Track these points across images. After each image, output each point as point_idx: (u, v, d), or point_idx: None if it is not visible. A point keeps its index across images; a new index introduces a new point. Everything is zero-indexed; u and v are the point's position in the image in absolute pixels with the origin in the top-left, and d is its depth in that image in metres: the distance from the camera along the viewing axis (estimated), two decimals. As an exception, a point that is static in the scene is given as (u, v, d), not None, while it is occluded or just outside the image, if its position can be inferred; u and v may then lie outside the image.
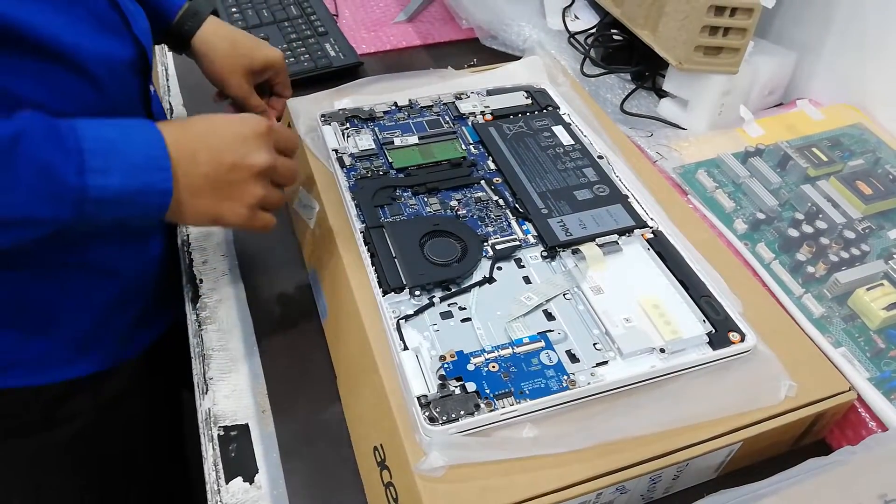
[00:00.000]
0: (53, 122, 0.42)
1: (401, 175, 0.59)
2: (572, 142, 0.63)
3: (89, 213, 0.43)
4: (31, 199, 0.41)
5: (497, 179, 0.59)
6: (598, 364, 0.45)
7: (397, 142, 0.62)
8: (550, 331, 0.47)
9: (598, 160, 0.61)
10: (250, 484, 0.48)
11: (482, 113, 0.66)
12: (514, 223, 0.55)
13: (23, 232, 0.42)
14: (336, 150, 0.60)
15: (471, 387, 0.43)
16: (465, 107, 0.67)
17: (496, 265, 0.51)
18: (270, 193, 0.50)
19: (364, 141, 0.62)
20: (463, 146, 0.62)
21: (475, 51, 0.93)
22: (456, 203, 0.56)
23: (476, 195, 0.57)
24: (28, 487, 0.69)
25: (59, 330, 0.57)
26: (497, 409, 0.42)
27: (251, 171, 0.48)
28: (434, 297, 0.49)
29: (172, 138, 0.46)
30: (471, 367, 0.44)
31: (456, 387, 0.43)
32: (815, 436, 0.50)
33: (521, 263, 0.52)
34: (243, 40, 0.67)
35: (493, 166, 0.60)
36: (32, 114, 0.42)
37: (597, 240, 0.53)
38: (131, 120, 0.46)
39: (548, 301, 0.49)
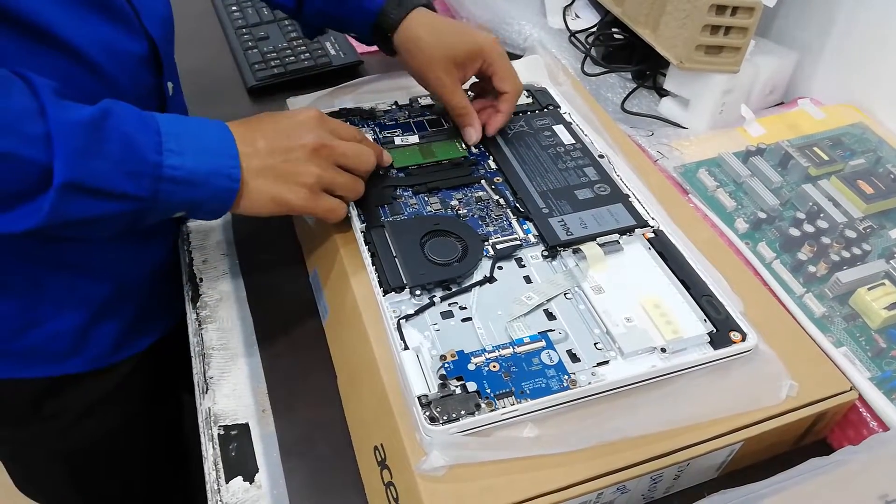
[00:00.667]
0: (134, 108, 0.45)
1: (401, 174, 0.59)
2: (573, 141, 0.63)
3: (164, 193, 0.45)
4: (116, 171, 0.43)
5: (498, 179, 0.59)
6: (599, 364, 0.45)
7: (398, 141, 0.62)
8: (551, 330, 0.47)
9: (598, 159, 0.61)
10: (250, 483, 0.48)
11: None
12: (514, 222, 0.55)
13: (105, 205, 0.43)
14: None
15: (471, 386, 0.43)
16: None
17: (497, 264, 0.51)
18: (334, 176, 0.51)
19: (364, 140, 0.62)
20: (463, 146, 0.62)
21: (476, 50, 0.92)
22: (456, 202, 0.56)
23: (477, 194, 0.57)
24: (19, 474, 0.70)
25: (50, 326, 0.57)
26: (498, 408, 0.42)
27: (304, 150, 0.50)
28: (435, 296, 0.49)
29: (233, 129, 0.49)
30: (471, 367, 0.44)
31: (457, 386, 0.43)
32: (817, 435, 0.50)
33: (522, 263, 0.52)
34: (450, 29, 0.60)
35: (493, 165, 0.60)
36: (116, 100, 0.45)
37: (598, 239, 0.53)
38: (197, 117, 0.48)
39: (548, 300, 0.49)
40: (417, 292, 0.49)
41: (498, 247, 0.52)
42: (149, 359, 0.67)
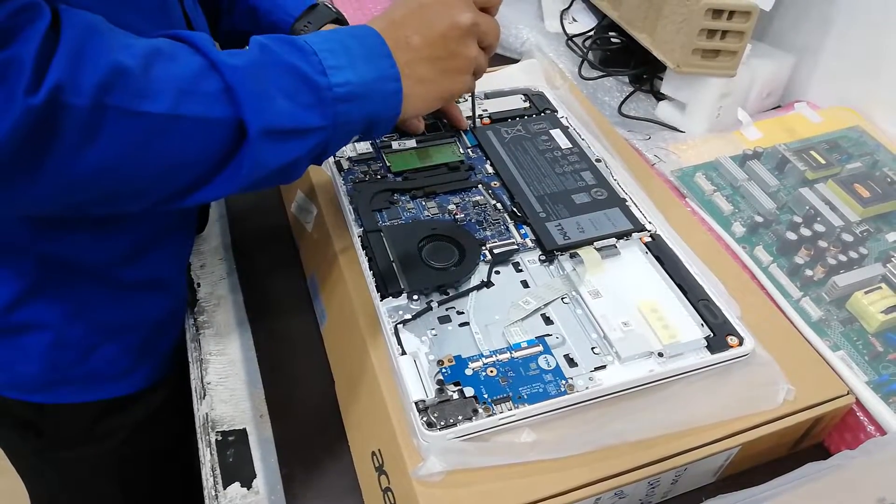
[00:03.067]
0: (278, 35, 0.43)
1: (398, 179, 0.59)
2: (570, 145, 0.63)
3: (341, 115, 0.43)
4: (295, 106, 0.41)
5: (495, 183, 0.59)
6: (597, 368, 0.45)
7: (395, 145, 0.62)
8: (549, 335, 0.47)
9: (595, 163, 0.61)
10: (248, 489, 0.48)
11: (480, 116, 0.66)
12: (512, 227, 0.55)
13: (296, 145, 0.41)
14: (334, 155, 0.60)
15: (469, 392, 0.43)
16: (462, 110, 0.67)
17: (494, 269, 0.51)
18: (478, 54, 0.50)
19: (362, 144, 0.62)
20: (461, 150, 0.62)
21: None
22: (454, 207, 0.56)
23: (474, 199, 0.57)
24: (72, 490, 0.68)
25: (108, 349, 0.56)
26: (495, 413, 0.42)
27: (461, 31, 0.48)
28: (432, 301, 0.49)
29: (380, 28, 0.46)
30: (469, 372, 0.44)
31: (454, 392, 0.43)
32: (814, 440, 0.50)
33: (519, 267, 0.52)
34: None
35: (490, 170, 0.60)
36: (262, 35, 0.42)
37: (595, 244, 0.53)
38: (336, 28, 0.46)
39: (546, 305, 0.49)
40: (415, 297, 0.49)
41: (495, 251, 0.53)
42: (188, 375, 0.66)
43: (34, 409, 0.57)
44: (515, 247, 0.53)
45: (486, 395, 0.43)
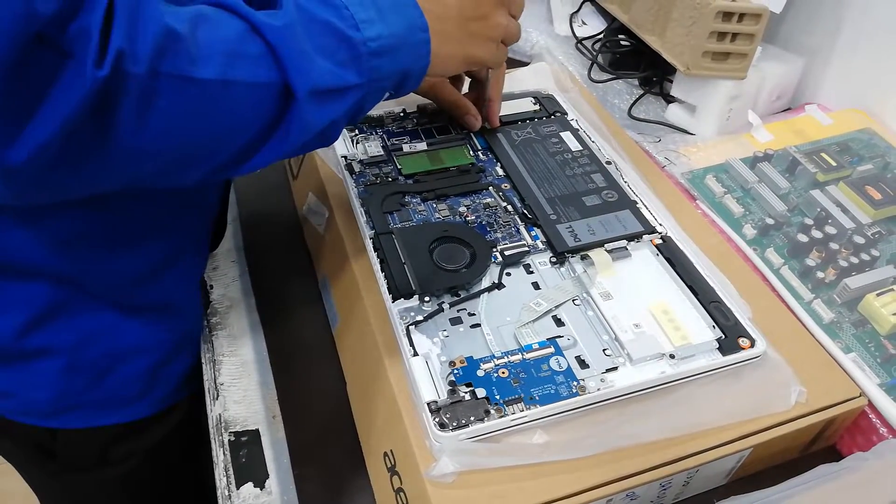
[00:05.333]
0: None
1: (409, 181, 0.59)
2: (580, 147, 0.63)
3: (375, 70, 0.42)
4: (334, 64, 0.40)
5: (505, 185, 0.59)
6: (608, 370, 0.45)
7: (406, 148, 0.62)
8: (560, 336, 0.47)
9: (606, 166, 0.61)
10: (261, 489, 0.48)
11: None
12: (522, 229, 0.55)
13: (338, 105, 0.41)
14: (345, 157, 0.61)
15: (481, 393, 0.43)
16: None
17: (505, 271, 0.52)
18: (509, 23, 0.51)
19: (373, 147, 0.62)
20: (471, 152, 0.62)
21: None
22: (465, 209, 0.57)
23: (485, 201, 0.57)
24: None
25: (121, 373, 0.55)
26: (507, 415, 0.42)
27: (494, 1, 0.49)
28: (443, 302, 0.49)
29: None
30: (480, 373, 0.44)
31: (466, 393, 0.43)
32: (826, 442, 0.50)
33: (530, 269, 0.52)
34: None
35: (501, 172, 0.60)
36: None
37: (605, 245, 0.53)
38: None
39: (557, 307, 0.49)
40: (426, 299, 0.49)
41: (506, 253, 0.53)
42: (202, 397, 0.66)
43: (47, 433, 0.56)
44: (526, 249, 0.53)
45: (497, 397, 0.43)
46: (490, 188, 0.59)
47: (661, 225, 0.55)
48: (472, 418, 0.42)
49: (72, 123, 0.32)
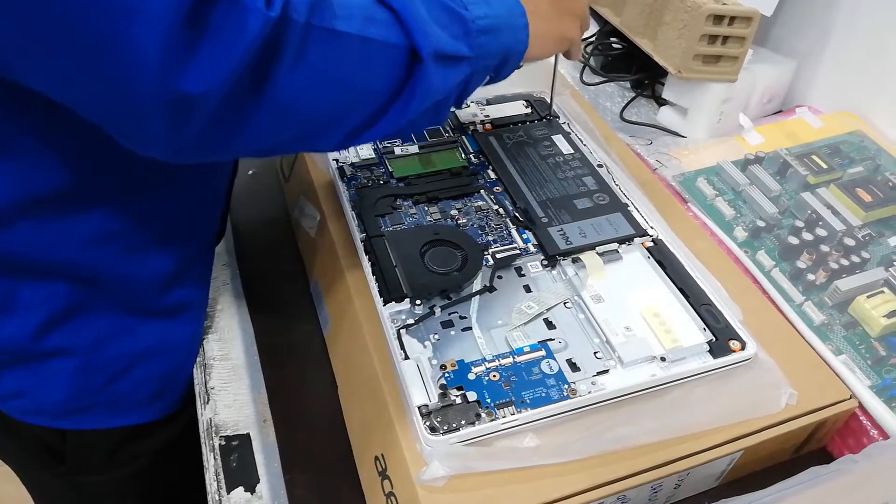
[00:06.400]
0: None
1: (401, 184, 0.59)
2: (572, 151, 0.63)
3: (483, 48, 0.44)
4: (450, 36, 0.42)
5: (497, 188, 0.59)
6: (599, 373, 0.45)
7: (397, 151, 0.62)
8: (551, 339, 0.47)
9: (597, 169, 0.61)
10: (252, 493, 0.48)
11: (482, 122, 0.66)
12: (514, 232, 0.55)
13: (454, 74, 0.43)
14: (336, 160, 0.61)
15: (472, 396, 0.43)
16: (464, 116, 0.67)
17: (497, 274, 0.52)
18: (586, 5, 0.53)
19: (364, 150, 0.62)
20: (463, 155, 0.62)
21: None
22: (456, 212, 0.57)
23: (476, 204, 0.57)
24: None
25: (135, 375, 0.55)
26: (498, 418, 0.42)
27: None
28: (435, 306, 0.49)
29: None
30: (472, 377, 0.44)
31: (457, 396, 0.43)
32: (817, 444, 0.50)
33: (522, 272, 0.52)
34: None
35: (493, 175, 0.60)
36: None
37: (597, 248, 0.53)
38: None
39: (548, 310, 0.49)
40: (418, 302, 0.49)
41: (498, 256, 0.53)
42: None
43: (57, 435, 0.56)
44: (518, 252, 0.53)
45: (488, 400, 0.43)
46: (482, 191, 0.59)
47: (652, 228, 0.55)
48: (462, 422, 0.42)
49: (242, 66, 0.33)
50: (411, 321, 0.48)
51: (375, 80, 0.40)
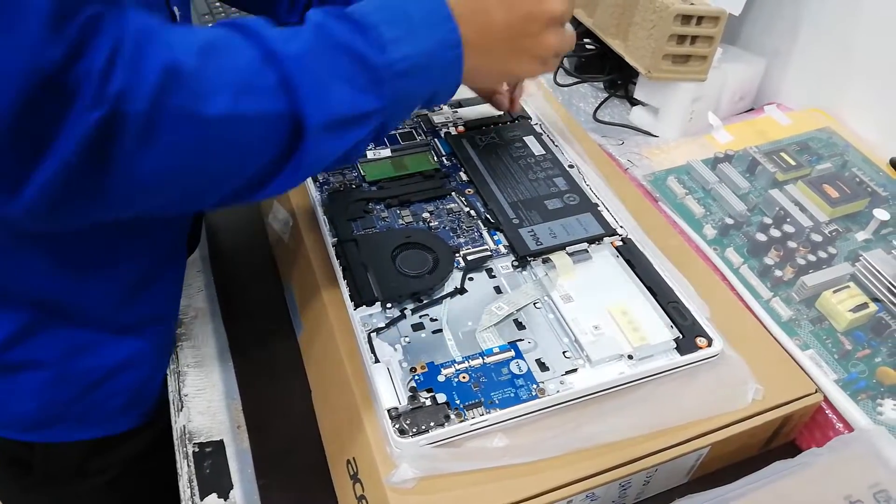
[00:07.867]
0: (330, 8, 0.40)
1: (373, 188, 0.59)
2: (543, 152, 0.63)
3: (401, 91, 0.41)
4: (353, 91, 0.39)
5: (469, 190, 0.59)
6: (568, 372, 0.46)
7: (370, 154, 0.62)
8: (520, 340, 0.47)
9: (568, 169, 0.61)
10: (225, 500, 0.48)
11: (454, 124, 0.67)
12: (485, 233, 0.55)
13: (355, 133, 0.40)
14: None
15: (441, 398, 0.43)
16: (437, 118, 0.67)
17: (468, 276, 0.52)
18: (563, 40, 0.48)
19: (337, 155, 0.62)
20: (435, 158, 0.63)
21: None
22: (428, 215, 0.57)
23: (448, 206, 0.58)
24: None
25: (106, 387, 0.55)
26: (467, 419, 0.43)
27: (547, 18, 0.45)
28: (406, 309, 0.49)
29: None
30: (441, 379, 0.45)
31: (426, 398, 0.44)
32: (785, 438, 0.51)
33: (493, 273, 0.52)
34: None
35: (465, 177, 0.61)
36: (315, 9, 0.40)
37: (567, 248, 0.54)
38: None
39: (518, 310, 0.49)
40: (389, 305, 0.49)
41: (469, 258, 0.53)
42: None
43: (25, 447, 0.56)
44: (489, 253, 0.54)
45: (458, 401, 0.43)
46: (454, 193, 0.59)
47: (621, 227, 0.56)
48: (432, 424, 0.42)
49: (70, 164, 0.32)
50: (382, 325, 0.48)
51: (249, 154, 0.37)
